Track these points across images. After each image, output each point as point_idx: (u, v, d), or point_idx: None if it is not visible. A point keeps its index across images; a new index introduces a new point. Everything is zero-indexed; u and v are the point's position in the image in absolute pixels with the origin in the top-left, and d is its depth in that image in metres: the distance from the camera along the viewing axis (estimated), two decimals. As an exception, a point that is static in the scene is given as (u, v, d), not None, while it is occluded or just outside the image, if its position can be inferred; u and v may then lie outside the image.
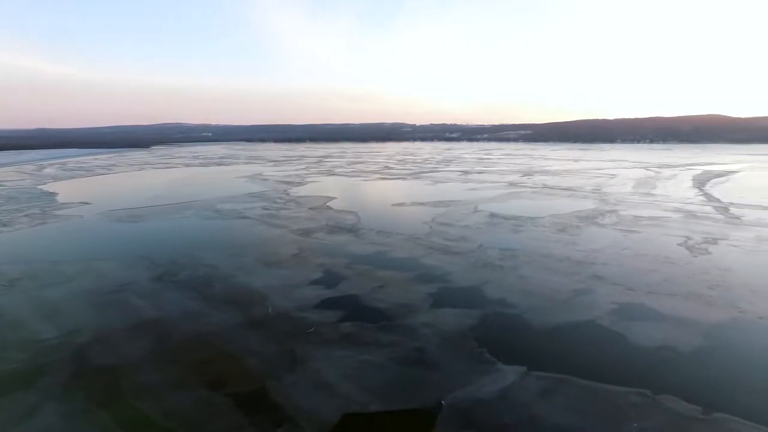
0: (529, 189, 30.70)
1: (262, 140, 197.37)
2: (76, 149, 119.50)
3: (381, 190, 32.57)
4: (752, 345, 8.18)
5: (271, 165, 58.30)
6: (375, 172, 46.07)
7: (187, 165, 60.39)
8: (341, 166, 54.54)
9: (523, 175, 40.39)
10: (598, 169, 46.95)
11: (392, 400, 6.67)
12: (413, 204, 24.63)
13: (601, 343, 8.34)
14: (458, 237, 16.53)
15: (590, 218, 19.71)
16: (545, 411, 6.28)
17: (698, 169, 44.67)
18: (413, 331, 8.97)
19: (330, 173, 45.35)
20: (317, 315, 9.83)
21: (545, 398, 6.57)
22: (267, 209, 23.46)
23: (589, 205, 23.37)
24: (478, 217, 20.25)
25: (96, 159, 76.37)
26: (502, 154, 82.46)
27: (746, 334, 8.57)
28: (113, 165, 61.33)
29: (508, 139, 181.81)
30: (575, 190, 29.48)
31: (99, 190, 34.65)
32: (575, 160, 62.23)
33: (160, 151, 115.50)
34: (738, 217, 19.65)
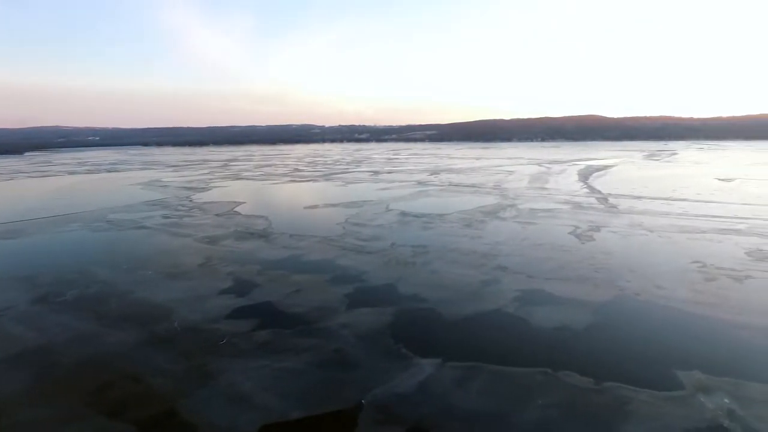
0: (436, 187, 31.98)
1: (159, 144, 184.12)
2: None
3: (292, 193, 31.96)
4: (632, 319, 9.27)
5: (170, 170, 54.51)
6: (285, 175, 45.09)
7: (71, 173, 54.34)
8: (249, 170, 52.60)
9: (431, 174, 41.98)
10: (498, 166, 50.28)
11: (313, 405, 6.56)
12: (326, 206, 24.48)
13: (507, 328, 8.92)
14: (371, 236, 16.73)
15: (493, 213, 21.01)
16: (460, 398, 6.58)
17: (582, 164, 49.75)
18: (331, 333, 8.90)
19: (237, 177, 43.52)
20: (229, 326, 9.36)
21: (460, 386, 6.88)
22: (168, 217, 21.87)
23: (491, 200, 24.90)
24: (389, 216, 20.66)
25: (-46, 168, 65.91)
26: (410, 154, 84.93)
27: (626, 310, 9.69)
28: (-23, 174, 53.34)
29: (414, 140, 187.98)
30: (478, 187, 31.25)
31: (-41, 204, 29.91)
32: (477, 159, 66.05)
33: (36, 157, 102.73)
34: (615, 206, 22.15)
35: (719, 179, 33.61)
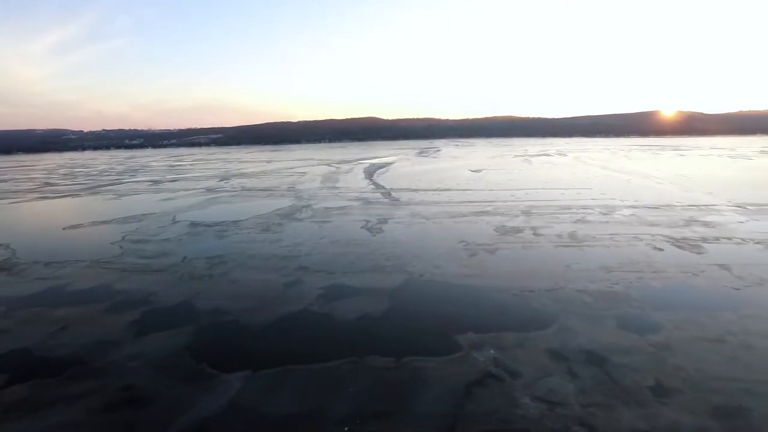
0: (228, 193, 30.49)
1: None
2: None
3: (44, 213, 26.13)
4: (419, 298, 10.54)
5: None
6: (31, 191, 36.65)
7: None
8: (-26, 187, 41.03)
9: (221, 180, 39.86)
10: (290, 168, 50.83)
11: (100, 460, 5.55)
12: (94, 224, 20.74)
13: (314, 326, 9.10)
14: (158, 253, 14.95)
15: (289, 215, 21.13)
16: (274, 406, 6.45)
17: (366, 163, 54.23)
18: (117, 369, 7.63)
19: (-44, 197, 33.42)
20: (-38, 391, 7.15)
21: (272, 394, 6.73)
22: None
23: (286, 202, 25.00)
24: (177, 229, 18.79)
25: None
26: (195, 160, 79.11)
27: (414, 290, 10.95)
28: None
29: (199, 144, 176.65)
30: (273, 190, 31.01)
31: None
32: (268, 162, 65.50)
33: None
34: (398, 199, 24.78)
35: (471, 170, 41.02)
